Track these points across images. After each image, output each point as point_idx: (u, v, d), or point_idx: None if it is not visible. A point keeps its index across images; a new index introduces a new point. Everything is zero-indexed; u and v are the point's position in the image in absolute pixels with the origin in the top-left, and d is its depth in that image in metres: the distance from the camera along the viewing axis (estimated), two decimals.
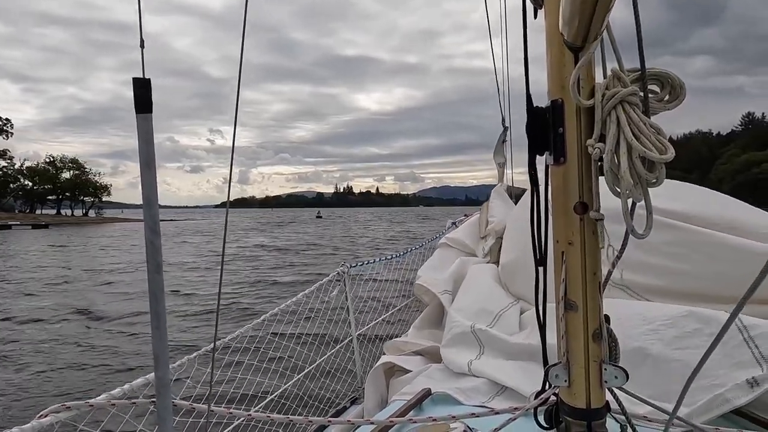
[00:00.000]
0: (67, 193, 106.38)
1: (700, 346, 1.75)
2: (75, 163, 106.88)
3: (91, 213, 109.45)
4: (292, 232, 54.68)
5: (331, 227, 65.50)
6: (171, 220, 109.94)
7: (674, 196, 2.57)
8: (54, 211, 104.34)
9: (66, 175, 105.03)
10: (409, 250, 5.26)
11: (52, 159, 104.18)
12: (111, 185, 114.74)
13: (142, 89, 1.13)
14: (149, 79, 1.14)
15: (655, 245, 2.33)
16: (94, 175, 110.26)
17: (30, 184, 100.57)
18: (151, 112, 1.15)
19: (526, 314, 2.75)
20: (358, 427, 2.05)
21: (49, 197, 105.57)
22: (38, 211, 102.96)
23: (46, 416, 1.61)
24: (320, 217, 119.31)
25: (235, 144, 1.49)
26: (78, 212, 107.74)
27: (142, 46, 1.17)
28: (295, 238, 44.29)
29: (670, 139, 1.12)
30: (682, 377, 1.70)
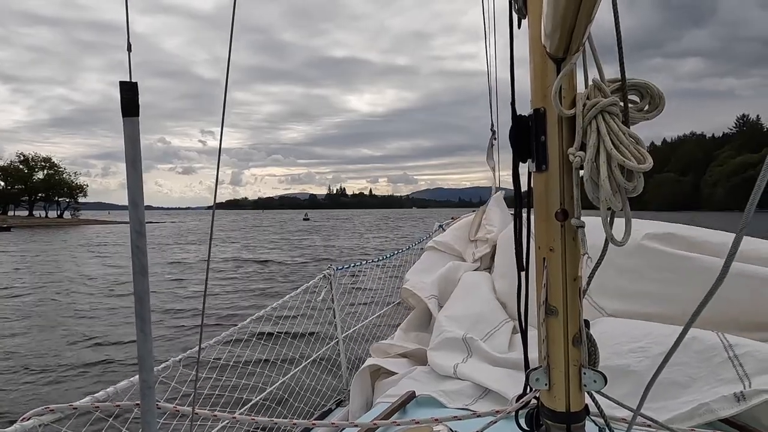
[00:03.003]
0: (41, 194, 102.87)
1: (685, 363, 1.77)
2: (48, 162, 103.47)
3: (67, 214, 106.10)
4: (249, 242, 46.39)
5: (310, 234, 59.53)
6: (147, 222, 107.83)
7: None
8: (27, 213, 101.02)
9: (40, 175, 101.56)
10: (396, 252, 5.27)
11: (24, 158, 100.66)
12: (87, 185, 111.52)
13: (129, 93, 1.14)
14: (136, 83, 1.14)
15: (636, 270, 2.35)
16: (69, 175, 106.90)
17: (2, 184, 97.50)
18: (138, 115, 1.15)
19: (519, 335, 2.74)
20: (342, 430, 2.06)
21: (23, 198, 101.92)
22: (11, 213, 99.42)
23: (28, 419, 1.60)
24: (307, 219, 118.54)
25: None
26: (53, 213, 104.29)
27: (129, 49, 1.17)
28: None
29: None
30: (668, 392, 1.73)
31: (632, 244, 2.35)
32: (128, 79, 1.13)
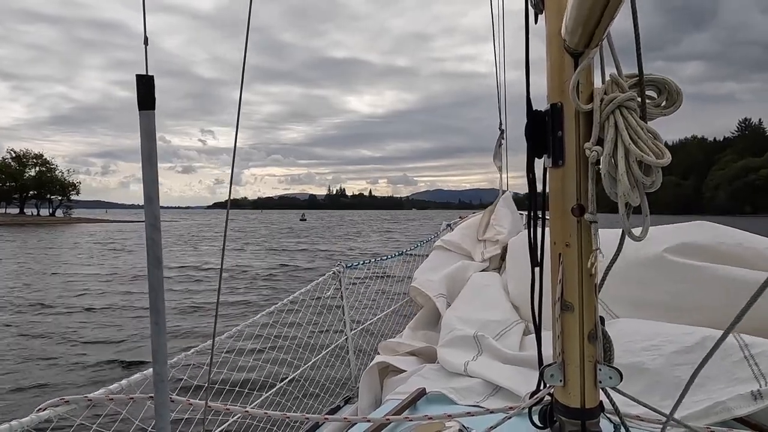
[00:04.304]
0: (33, 192, 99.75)
1: (699, 361, 1.76)
2: (40, 159, 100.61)
3: (59, 213, 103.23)
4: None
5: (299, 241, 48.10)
6: (132, 221, 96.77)
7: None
8: (18, 211, 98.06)
9: (32, 172, 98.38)
10: (405, 251, 5.27)
11: (15, 154, 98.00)
12: (80, 183, 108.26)
13: (146, 86, 1.15)
14: (152, 76, 1.15)
15: (652, 281, 2.32)
16: (62, 172, 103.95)
17: None
18: (153, 108, 1.16)
19: (530, 336, 2.72)
20: (354, 425, 2.06)
21: (15, 196, 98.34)
22: (1, 210, 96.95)
23: (44, 410, 1.61)
24: (304, 220, 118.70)
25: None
26: (45, 212, 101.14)
27: (145, 43, 1.18)
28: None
29: (666, 144, 1.15)
30: (681, 389, 1.71)
31: (651, 256, 2.32)
32: (142, 73, 1.14)
